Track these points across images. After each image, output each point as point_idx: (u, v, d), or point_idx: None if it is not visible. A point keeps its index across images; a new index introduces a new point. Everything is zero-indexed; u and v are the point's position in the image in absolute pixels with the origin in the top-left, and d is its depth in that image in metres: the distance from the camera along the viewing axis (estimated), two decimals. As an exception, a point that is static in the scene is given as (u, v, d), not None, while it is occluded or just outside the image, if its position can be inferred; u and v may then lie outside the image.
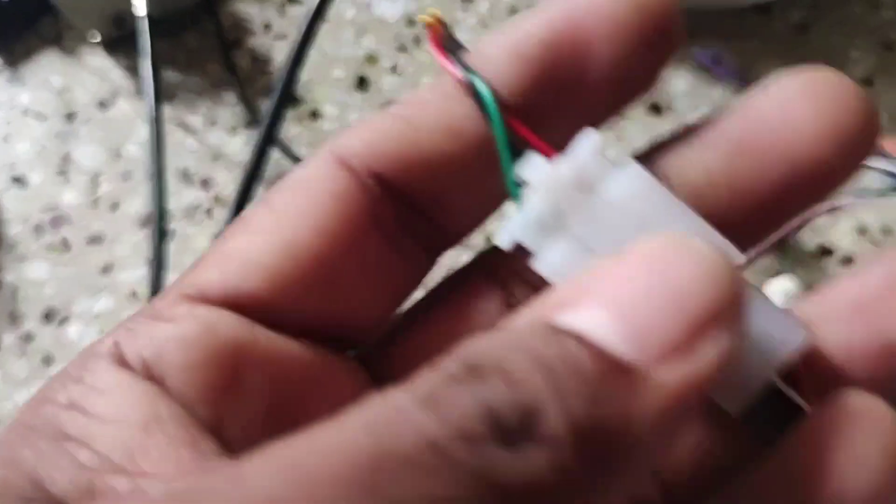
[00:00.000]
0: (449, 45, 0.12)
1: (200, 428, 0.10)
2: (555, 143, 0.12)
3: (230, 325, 0.11)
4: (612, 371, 0.08)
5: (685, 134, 0.12)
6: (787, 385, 0.11)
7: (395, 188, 0.11)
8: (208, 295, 0.11)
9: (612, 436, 0.08)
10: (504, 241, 0.11)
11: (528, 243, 0.11)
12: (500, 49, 0.12)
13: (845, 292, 0.12)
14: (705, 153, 0.12)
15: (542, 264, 0.11)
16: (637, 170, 0.11)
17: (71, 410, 0.10)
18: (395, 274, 0.12)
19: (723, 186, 0.11)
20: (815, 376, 0.11)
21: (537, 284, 0.11)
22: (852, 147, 0.11)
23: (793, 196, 0.11)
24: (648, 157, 0.12)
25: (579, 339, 0.08)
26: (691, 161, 0.12)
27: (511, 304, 0.12)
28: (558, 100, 0.11)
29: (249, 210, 0.12)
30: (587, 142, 0.12)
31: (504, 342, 0.08)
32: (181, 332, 0.11)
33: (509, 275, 0.12)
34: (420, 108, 0.12)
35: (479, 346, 0.08)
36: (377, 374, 0.12)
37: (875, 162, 0.26)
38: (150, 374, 0.10)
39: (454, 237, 0.12)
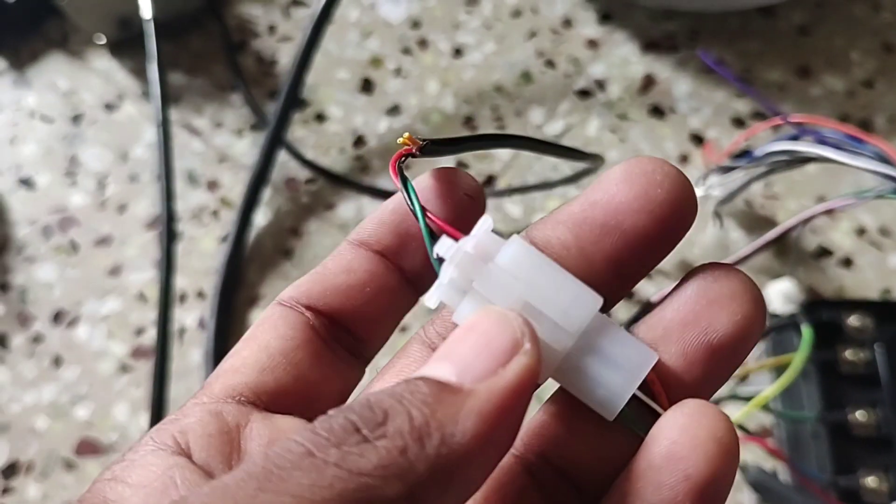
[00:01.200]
0: (428, 150, 0.16)
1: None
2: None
3: (231, 409, 0.15)
4: (443, 391, 0.12)
5: (550, 215, 0.16)
6: (646, 394, 0.15)
7: (319, 311, 0.17)
8: (215, 396, 0.16)
9: (445, 428, 0.12)
10: (431, 301, 0.15)
11: (447, 302, 0.15)
12: None
13: (671, 313, 0.15)
14: (559, 228, 0.15)
15: (457, 316, 0.15)
16: (519, 242, 0.15)
17: (112, 482, 0.14)
18: (338, 377, 0.17)
19: (574, 252, 0.15)
20: (665, 384, 0.15)
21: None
22: (669, 218, 0.15)
23: (629, 257, 0.15)
24: (525, 232, 0.16)
25: (424, 379, 0.13)
26: (552, 234, 0.15)
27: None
28: None
29: (238, 345, 0.17)
30: (483, 224, 0.15)
31: (382, 392, 0.12)
32: (199, 417, 0.15)
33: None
34: (328, 263, 0.17)
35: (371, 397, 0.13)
36: None
37: (874, 164, 0.27)
38: (180, 450, 0.15)
39: (375, 347, 0.18)
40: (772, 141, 0.31)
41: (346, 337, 0.17)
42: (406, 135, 0.16)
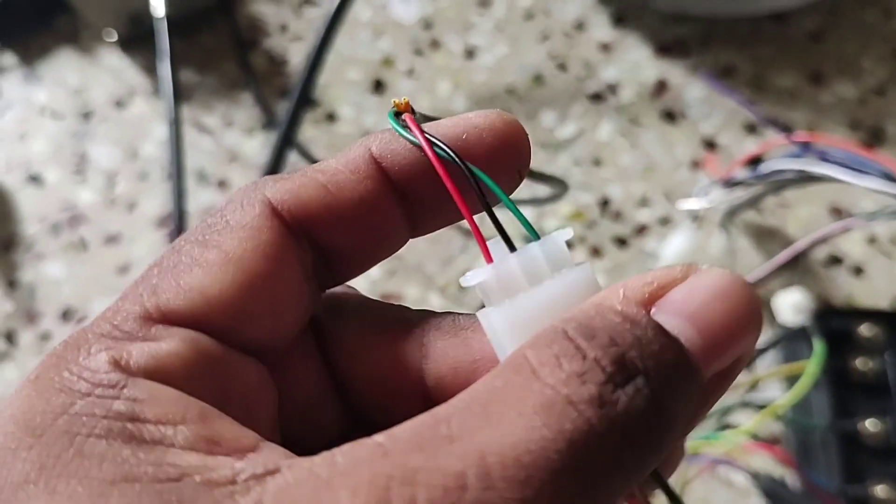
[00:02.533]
0: (420, 121, 0.15)
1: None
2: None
3: (205, 340, 0.13)
4: (682, 367, 0.12)
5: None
6: None
7: (313, 239, 0.14)
8: (174, 320, 0.13)
9: (666, 413, 0.11)
10: (471, 281, 0.14)
11: (483, 293, 0.14)
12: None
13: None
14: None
15: (483, 315, 0.14)
16: (588, 270, 0.14)
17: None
18: (305, 301, 0.15)
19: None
20: None
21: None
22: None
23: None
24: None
25: (680, 346, 0.12)
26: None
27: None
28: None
29: (194, 246, 0.14)
30: (563, 235, 0.14)
31: (624, 324, 0.12)
32: (174, 348, 0.13)
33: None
34: (336, 177, 0.14)
35: (595, 317, 0.12)
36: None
37: (882, 184, 0.27)
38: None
39: (342, 279, 0.16)
40: (778, 158, 0.31)
41: (324, 270, 0.15)
42: (405, 99, 0.15)
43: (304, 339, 0.15)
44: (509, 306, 0.13)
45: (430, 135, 0.14)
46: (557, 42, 0.43)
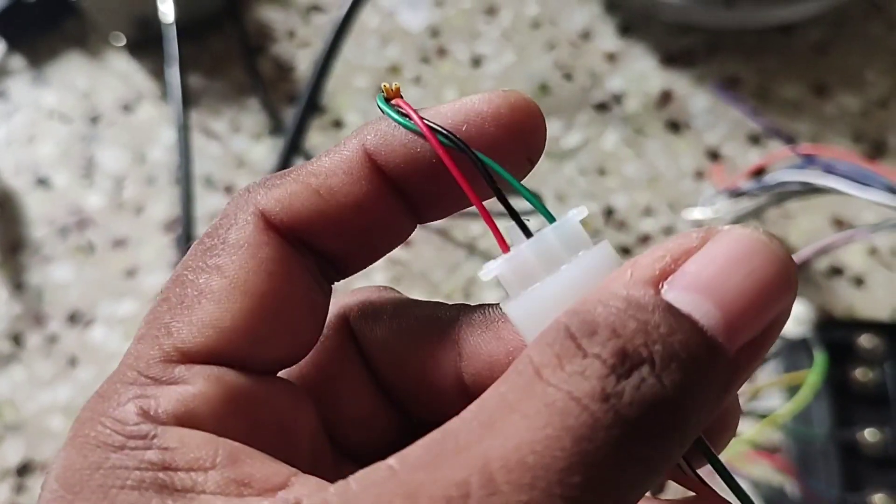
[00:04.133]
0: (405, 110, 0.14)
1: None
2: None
3: (227, 374, 0.13)
4: (705, 351, 0.11)
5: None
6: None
7: (310, 245, 0.14)
8: (194, 358, 0.13)
9: (687, 408, 0.11)
10: (489, 274, 0.13)
11: (505, 283, 0.13)
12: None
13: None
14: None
15: (508, 308, 0.13)
16: (608, 248, 0.13)
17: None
18: (317, 306, 0.15)
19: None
20: None
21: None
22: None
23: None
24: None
25: (693, 324, 0.11)
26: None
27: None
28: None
29: (198, 274, 0.14)
30: (577, 214, 0.13)
31: (625, 313, 0.11)
32: (200, 389, 0.13)
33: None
34: (328, 180, 0.14)
35: (598, 312, 0.11)
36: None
37: (885, 197, 0.27)
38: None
39: (348, 273, 0.16)
40: (782, 170, 0.31)
41: (327, 269, 0.15)
42: (396, 85, 0.14)
43: (344, 349, 0.16)
44: (526, 298, 0.13)
45: (430, 121, 0.13)
46: (564, 51, 0.43)
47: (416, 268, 0.39)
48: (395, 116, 0.14)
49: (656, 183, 0.40)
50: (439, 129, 0.13)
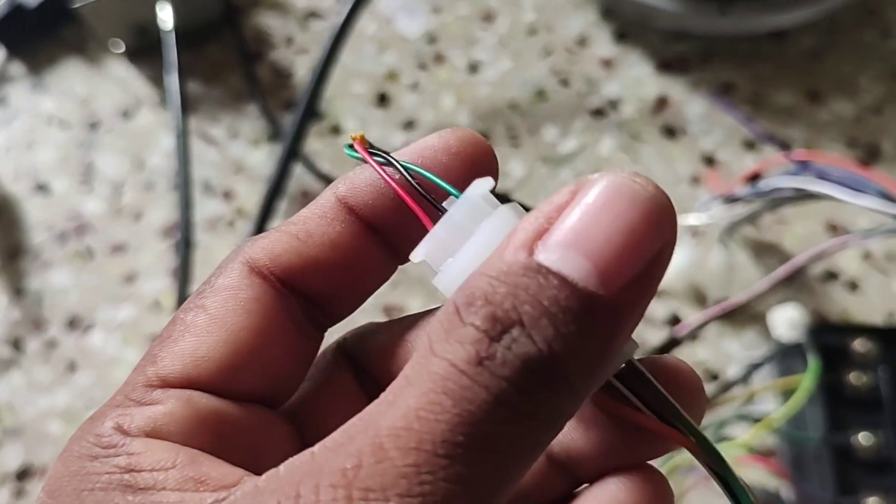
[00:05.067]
0: (373, 149, 0.16)
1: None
2: None
3: (199, 397, 0.14)
4: (585, 300, 0.12)
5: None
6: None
7: (293, 287, 0.15)
8: (171, 383, 0.14)
9: (573, 365, 0.12)
10: (416, 256, 0.14)
11: (431, 261, 0.14)
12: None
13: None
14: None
15: (438, 281, 0.14)
16: (515, 210, 0.14)
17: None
18: (301, 348, 0.16)
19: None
20: None
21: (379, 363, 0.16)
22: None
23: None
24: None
25: (562, 280, 0.12)
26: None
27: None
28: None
29: (187, 313, 0.15)
30: (482, 185, 0.14)
31: (497, 280, 0.12)
32: (170, 408, 0.14)
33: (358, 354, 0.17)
34: (307, 226, 0.15)
35: (476, 284, 0.12)
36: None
37: (878, 203, 0.27)
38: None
39: (337, 318, 0.17)
40: (776, 176, 0.31)
41: (316, 313, 0.16)
42: (360, 133, 0.16)
43: (340, 379, 0.17)
44: (443, 273, 0.14)
45: (377, 150, 0.15)
46: (560, 58, 0.44)
47: (413, 273, 0.39)
48: (349, 152, 0.16)
49: (652, 188, 0.40)
50: (376, 151, 0.15)
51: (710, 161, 0.41)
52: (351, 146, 0.16)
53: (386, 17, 0.45)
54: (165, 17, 0.40)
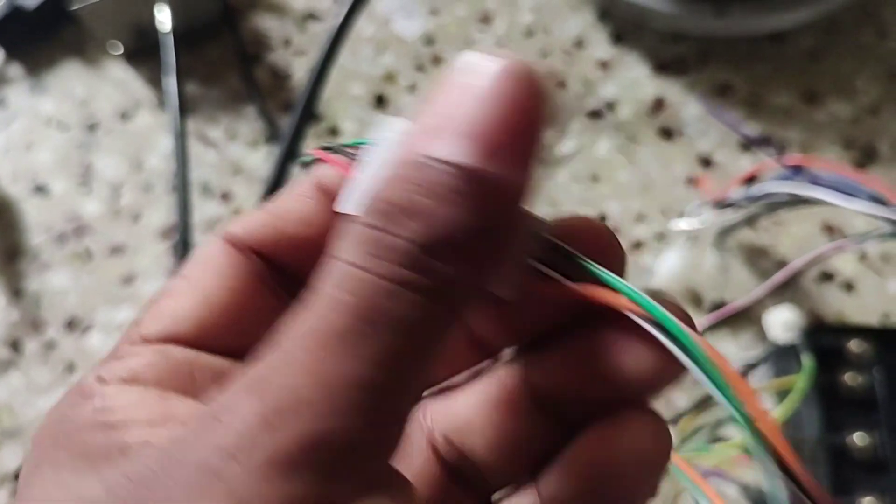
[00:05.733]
0: (338, 150, 0.16)
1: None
2: None
3: (175, 350, 0.15)
4: (478, 179, 0.12)
5: None
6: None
7: (268, 259, 0.17)
8: (150, 340, 0.16)
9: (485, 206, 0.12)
10: (341, 205, 0.15)
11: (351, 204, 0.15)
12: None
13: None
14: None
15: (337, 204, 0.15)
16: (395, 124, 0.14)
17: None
18: (273, 308, 0.16)
19: None
20: None
21: None
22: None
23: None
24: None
25: (451, 165, 0.12)
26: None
27: None
28: None
29: (170, 282, 0.16)
30: (394, 124, 0.14)
31: (392, 182, 0.13)
32: (145, 359, 0.15)
33: None
34: (283, 204, 0.17)
35: (363, 188, 0.13)
36: None
37: (871, 208, 0.27)
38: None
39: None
40: (770, 181, 0.32)
41: (292, 282, 0.17)
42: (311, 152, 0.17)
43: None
44: (340, 196, 0.15)
45: (335, 146, 0.16)
46: (557, 59, 0.44)
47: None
48: (307, 160, 0.17)
49: (649, 189, 0.40)
50: (331, 146, 0.16)
51: (706, 162, 0.41)
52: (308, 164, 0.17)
53: (384, 18, 0.45)
54: (164, 18, 0.40)
